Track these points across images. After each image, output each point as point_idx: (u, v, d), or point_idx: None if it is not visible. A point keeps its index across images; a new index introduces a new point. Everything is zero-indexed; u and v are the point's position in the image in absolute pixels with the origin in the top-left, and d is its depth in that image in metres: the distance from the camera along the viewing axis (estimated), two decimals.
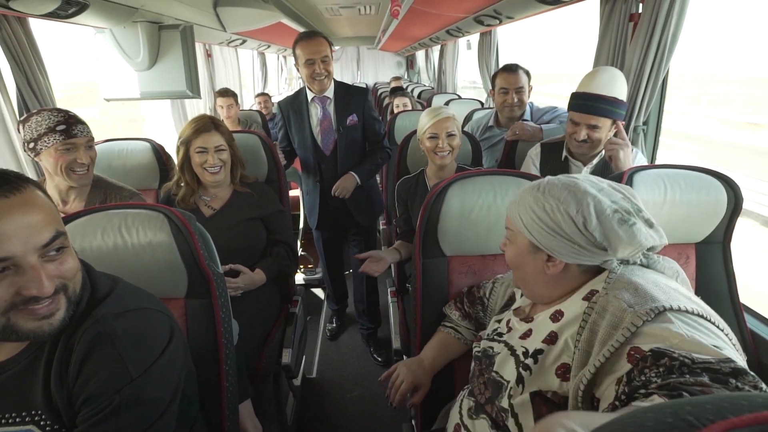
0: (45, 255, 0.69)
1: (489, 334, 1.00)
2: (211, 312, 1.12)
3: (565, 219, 0.77)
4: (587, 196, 0.77)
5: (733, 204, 1.28)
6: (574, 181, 0.80)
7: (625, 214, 0.76)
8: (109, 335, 0.74)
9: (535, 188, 0.84)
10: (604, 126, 1.55)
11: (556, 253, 0.79)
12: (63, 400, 0.73)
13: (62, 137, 1.38)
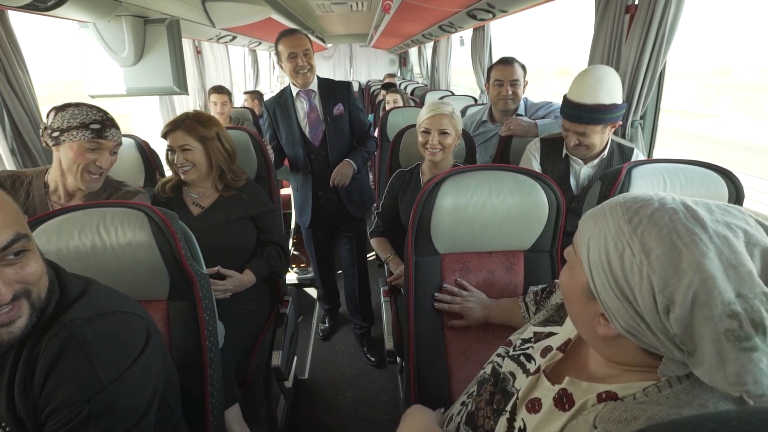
0: (2, 258, 0.64)
1: (516, 347, 0.83)
2: (195, 314, 1.07)
3: (640, 282, 0.50)
4: (696, 271, 0.46)
5: (734, 198, 1.25)
6: (690, 230, 0.49)
7: (749, 327, 0.44)
8: (78, 341, 0.69)
9: (628, 213, 0.54)
10: (593, 131, 1.51)
11: (612, 315, 0.55)
12: (28, 411, 0.69)
13: (92, 135, 1.33)
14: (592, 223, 0.59)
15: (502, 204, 1.19)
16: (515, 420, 0.69)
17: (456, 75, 5.90)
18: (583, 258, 0.58)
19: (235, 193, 1.64)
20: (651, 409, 0.51)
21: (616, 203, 0.57)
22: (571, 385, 0.63)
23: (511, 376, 0.76)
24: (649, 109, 1.78)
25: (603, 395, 0.58)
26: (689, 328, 0.47)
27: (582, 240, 0.59)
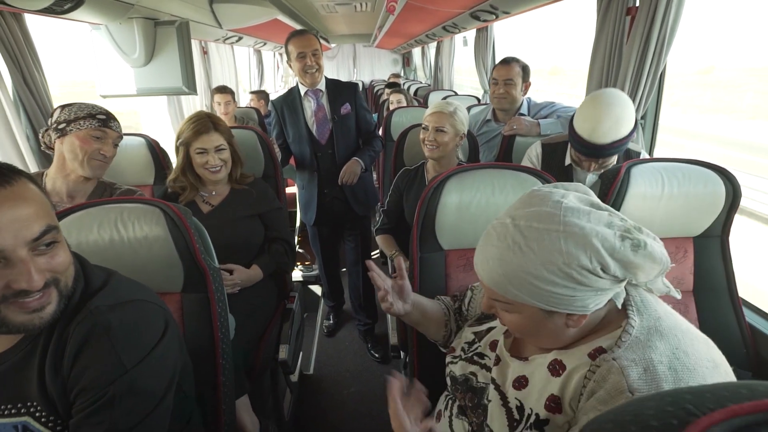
0: (35, 249, 0.68)
1: (465, 350, 0.91)
2: (208, 306, 1.11)
3: (581, 272, 0.63)
4: (588, 234, 0.63)
5: (731, 197, 1.28)
6: (557, 216, 0.65)
7: (631, 235, 0.64)
8: (103, 327, 0.73)
9: (512, 246, 0.67)
10: (612, 158, 1.49)
11: (577, 309, 0.66)
12: (58, 391, 0.73)
13: (98, 124, 1.41)
14: (500, 277, 0.69)
15: (505, 202, 1.22)
16: (508, 402, 0.75)
17: (459, 75, 5.93)
18: (525, 301, 0.68)
19: (244, 188, 1.68)
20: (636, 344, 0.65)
21: (497, 252, 0.69)
22: (559, 353, 0.72)
23: (472, 375, 0.85)
24: (650, 109, 1.81)
25: (592, 352, 0.68)
26: (619, 264, 0.64)
27: (509, 293, 0.69)
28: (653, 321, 0.66)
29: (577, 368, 0.68)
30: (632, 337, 0.65)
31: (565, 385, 0.68)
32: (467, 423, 0.84)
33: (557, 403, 0.68)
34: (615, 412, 0.42)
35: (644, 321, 0.67)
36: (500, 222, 0.71)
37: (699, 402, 0.39)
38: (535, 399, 0.72)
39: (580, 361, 0.68)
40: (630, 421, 0.39)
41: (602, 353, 0.66)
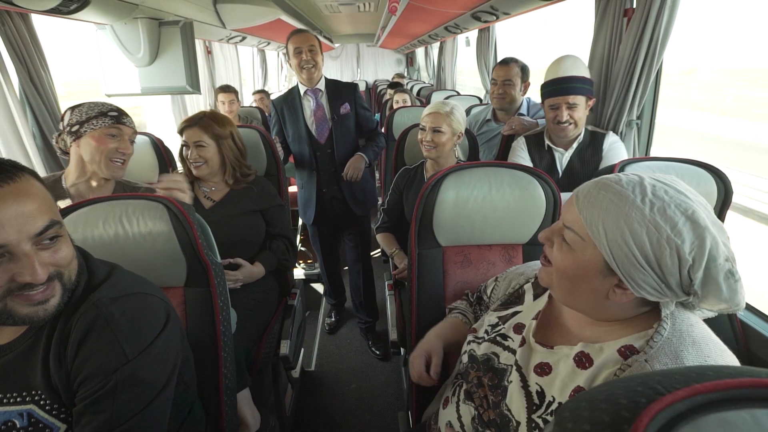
0: (39, 243, 0.70)
1: (488, 332, 0.92)
2: (210, 301, 1.14)
3: (672, 256, 0.61)
4: (707, 233, 0.61)
5: (723, 195, 1.30)
6: (689, 203, 0.63)
7: (734, 264, 0.63)
8: (106, 318, 0.76)
9: (638, 197, 0.64)
10: (580, 104, 1.66)
11: (634, 284, 0.65)
12: (62, 380, 0.75)
13: (112, 121, 1.38)
14: (599, 210, 0.66)
15: (502, 199, 1.25)
16: (529, 386, 0.77)
17: (462, 75, 5.94)
18: (599, 241, 0.66)
19: (245, 186, 1.71)
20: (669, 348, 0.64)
21: (615, 193, 0.66)
22: (586, 347, 0.72)
23: (494, 356, 0.86)
24: (645, 109, 1.83)
25: (622, 349, 0.68)
26: (705, 277, 0.62)
27: (593, 225, 0.67)
28: (686, 327, 0.66)
29: (606, 364, 0.68)
30: (664, 339, 0.65)
31: (593, 380, 0.68)
32: (473, 408, 0.86)
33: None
34: (590, 392, 0.44)
35: (677, 325, 0.66)
36: (635, 174, 0.70)
37: (667, 382, 0.41)
38: (558, 388, 0.72)
39: (609, 358, 0.68)
40: (602, 400, 0.41)
41: (633, 352, 0.67)
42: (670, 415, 0.37)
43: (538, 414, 0.73)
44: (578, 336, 0.76)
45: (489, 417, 0.81)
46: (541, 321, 0.85)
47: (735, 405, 0.38)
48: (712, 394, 0.39)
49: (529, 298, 0.93)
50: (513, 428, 0.75)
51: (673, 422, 0.37)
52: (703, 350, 0.63)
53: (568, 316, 0.81)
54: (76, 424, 0.74)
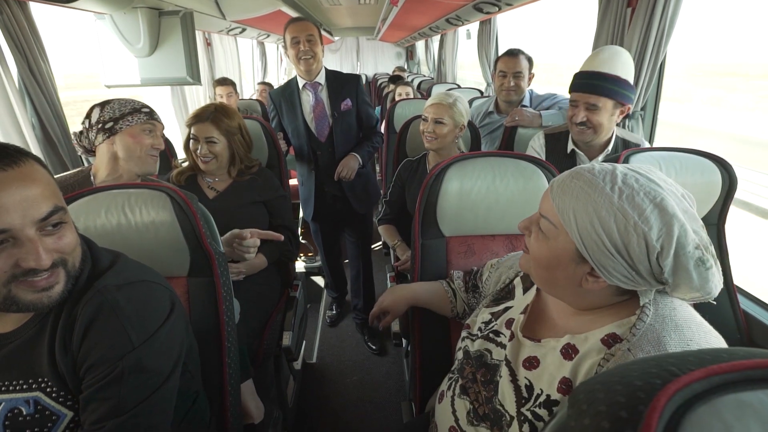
0: (43, 229, 0.70)
1: (482, 329, 0.93)
2: (213, 290, 1.14)
3: (639, 242, 0.62)
4: (675, 221, 0.61)
5: (727, 185, 1.29)
6: (658, 191, 0.63)
7: (705, 252, 0.63)
8: (111, 305, 0.76)
9: (608, 185, 0.65)
10: (604, 107, 1.45)
11: (605, 272, 0.66)
12: (68, 367, 0.75)
13: (147, 117, 1.37)
14: (570, 198, 0.68)
15: (506, 189, 1.24)
16: (518, 380, 0.77)
17: (461, 70, 5.91)
18: (570, 228, 0.67)
19: (249, 177, 1.70)
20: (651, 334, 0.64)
21: (586, 181, 0.68)
22: (572, 338, 0.72)
23: (487, 352, 0.87)
24: (649, 101, 1.82)
25: (605, 338, 0.69)
26: (674, 264, 0.62)
27: (565, 213, 0.68)
28: (669, 311, 0.66)
29: (589, 353, 0.69)
30: (646, 326, 0.65)
31: (577, 369, 0.69)
32: (468, 402, 0.86)
33: (568, 385, 0.69)
34: (603, 376, 0.44)
35: (659, 310, 0.67)
36: (610, 164, 0.71)
37: (681, 364, 0.41)
38: (546, 381, 0.72)
39: (593, 347, 0.69)
40: (616, 382, 0.41)
41: (617, 340, 0.67)
42: (688, 395, 0.37)
43: (527, 407, 0.73)
44: (564, 328, 0.77)
45: (483, 411, 0.82)
46: (529, 315, 0.85)
47: (751, 386, 0.38)
48: (727, 374, 0.38)
49: (519, 292, 0.94)
50: (506, 422, 0.76)
51: (690, 402, 0.37)
52: (686, 334, 0.63)
53: (554, 308, 0.82)
54: (82, 411, 0.74)
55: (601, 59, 1.45)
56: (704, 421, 0.35)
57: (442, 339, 1.29)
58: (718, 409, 0.36)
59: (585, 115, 1.49)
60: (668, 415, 0.36)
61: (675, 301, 0.69)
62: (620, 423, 0.37)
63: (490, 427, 0.79)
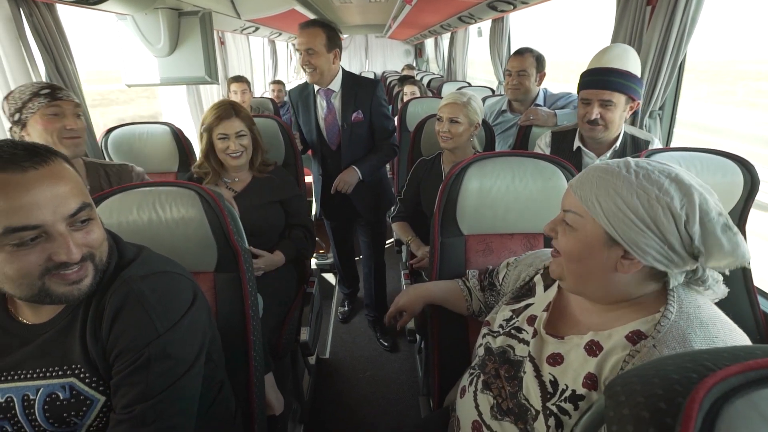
0: (72, 224, 0.73)
1: (504, 326, 0.94)
2: (239, 285, 1.17)
3: (665, 213, 0.65)
4: (693, 190, 0.65)
5: (749, 187, 1.30)
6: (673, 170, 0.68)
7: (729, 220, 0.65)
8: (137, 294, 0.79)
9: (623, 170, 0.70)
10: (618, 103, 1.46)
11: (638, 251, 0.67)
12: (98, 354, 0.79)
13: (47, 99, 1.31)
14: (591, 186, 0.72)
15: (525, 188, 1.26)
16: (542, 375, 0.79)
17: (471, 67, 5.91)
18: (596, 213, 0.70)
19: (266, 176, 1.73)
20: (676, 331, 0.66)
21: (602, 170, 0.72)
22: (595, 335, 0.74)
23: (510, 348, 0.89)
24: (668, 100, 1.82)
25: (630, 335, 0.70)
26: (702, 232, 0.64)
27: (588, 201, 0.71)
28: (693, 309, 0.68)
29: (614, 349, 0.70)
30: (671, 323, 0.66)
31: (602, 365, 0.70)
32: (492, 397, 0.88)
33: (593, 380, 0.70)
34: (639, 369, 0.46)
35: (684, 308, 0.68)
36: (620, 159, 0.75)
37: (716, 360, 0.43)
38: (571, 377, 0.74)
39: (617, 344, 0.70)
40: (653, 375, 0.43)
41: (641, 337, 0.68)
42: (725, 388, 0.39)
43: (552, 402, 0.75)
44: (587, 325, 0.78)
45: (507, 406, 0.84)
46: (551, 312, 0.87)
47: None
48: (763, 370, 0.40)
49: (540, 289, 0.95)
50: (531, 416, 0.77)
51: (727, 395, 0.38)
52: (711, 331, 0.65)
53: (576, 306, 0.84)
54: (113, 396, 0.78)
55: (612, 56, 1.47)
56: (742, 412, 0.37)
57: (460, 336, 1.31)
58: (755, 402, 0.38)
59: (599, 112, 1.49)
60: (707, 406, 0.38)
61: (699, 299, 0.70)
62: (660, 413, 0.39)
63: (515, 422, 0.81)
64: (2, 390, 0.78)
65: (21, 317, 0.81)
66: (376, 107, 2.09)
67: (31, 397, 0.78)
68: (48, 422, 0.78)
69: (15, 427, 0.78)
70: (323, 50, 1.92)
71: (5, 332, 0.80)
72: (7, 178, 0.67)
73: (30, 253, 0.69)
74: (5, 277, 0.70)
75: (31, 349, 0.79)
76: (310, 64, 1.93)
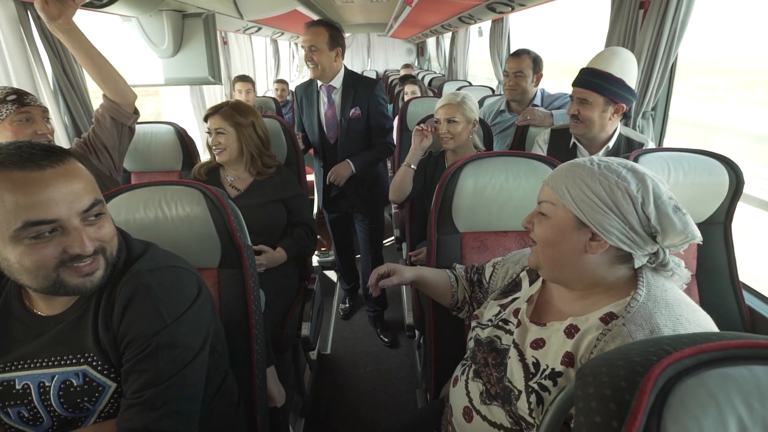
0: (86, 219, 0.78)
1: (492, 320, 1.00)
2: (242, 281, 1.21)
3: (624, 196, 0.75)
4: (647, 177, 0.76)
5: (734, 186, 1.34)
6: (629, 162, 0.79)
7: (676, 201, 0.75)
8: (145, 287, 0.84)
9: (587, 163, 0.81)
10: (595, 103, 1.53)
11: (604, 231, 0.76)
12: (110, 343, 0.84)
13: (15, 106, 1.32)
14: (561, 177, 0.82)
15: (518, 187, 1.30)
16: (525, 358, 0.85)
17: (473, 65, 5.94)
18: (566, 200, 0.80)
19: (268, 176, 1.78)
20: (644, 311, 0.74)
21: (571, 164, 0.83)
22: (574, 320, 0.81)
23: (497, 338, 0.96)
24: (660, 101, 1.86)
25: (604, 317, 0.78)
26: (657, 212, 0.74)
27: (559, 190, 0.81)
28: (660, 292, 0.75)
29: (589, 330, 0.78)
30: (640, 304, 0.74)
31: (579, 344, 0.78)
32: (481, 384, 0.94)
33: (570, 358, 0.78)
34: (606, 354, 0.50)
35: (652, 291, 0.76)
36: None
37: (676, 344, 0.47)
38: (551, 357, 0.81)
39: (592, 325, 0.78)
40: (618, 359, 0.48)
41: (613, 318, 0.76)
42: (678, 369, 0.43)
43: (533, 380, 0.81)
44: (567, 312, 0.85)
45: (495, 391, 0.90)
46: (536, 304, 0.94)
47: (735, 362, 0.44)
48: (714, 352, 0.45)
49: (526, 284, 1.02)
50: (515, 397, 0.83)
51: (680, 375, 0.43)
52: (675, 310, 0.72)
53: (558, 297, 0.91)
54: (124, 382, 0.83)
55: (600, 58, 1.55)
56: (692, 390, 0.42)
57: (455, 330, 1.35)
58: (704, 381, 0.42)
59: (577, 109, 1.59)
60: (661, 384, 0.42)
61: (666, 284, 0.78)
62: (620, 391, 0.44)
63: (502, 405, 0.87)
64: (20, 377, 0.83)
65: (36, 309, 0.86)
66: (374, 105, 2.19)
67: (47, 384, 0.83)
68: (63, 407, 0.83)
69: (32, 413, 0.83)
70: (325, 48, 2.04)
71: (22, 324, 0.85)
72: (27, 176, 0.72)
73: (47, 245, 0.74)
74: (23, 269, 0.75)
75: (46, 339, 0.84)
76: (312, 60, 2.05)
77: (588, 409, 0.45)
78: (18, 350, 0.84)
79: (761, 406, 0.40)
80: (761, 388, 0.41)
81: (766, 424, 0.39)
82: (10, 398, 0.83)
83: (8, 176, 0.71)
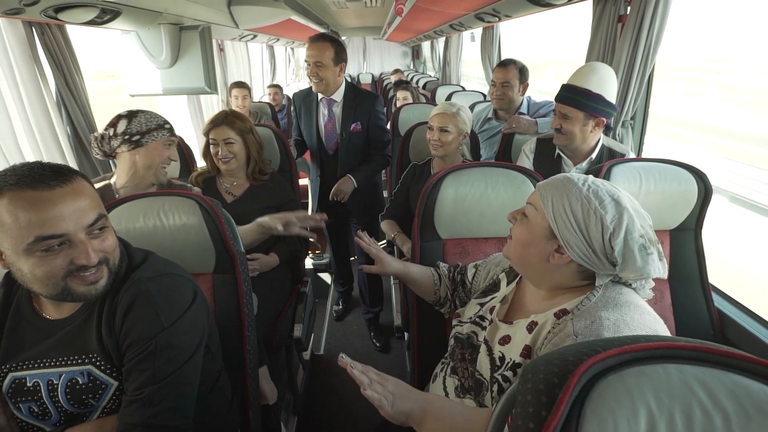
0: (91, 233, 0.86)
1: (472, 317, 1.07)
2: (235, 286, 1.28)
3: (596, 223, 0.80)
4: (626, 212, 0.80)
5: (703, 194, 1.41)
6: (618, 193, 0.83)
7: (648, 243, 0.80)
8: (145, 294, 0.92)
9: (580, 182, 0.85)
10: (574, 118, 1.61)
11: (569, 247, 0.82)
12: (112, 345, 0.91)
13: (169, 133, 1.51)
14: (551, 188, 0.88)
15: (497, 196, 1.37)
16: (493, 353, 0.94)
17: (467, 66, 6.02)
18: (547, 210, 0.86)
19: (263, 183, 1.85)
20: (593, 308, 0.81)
21: (567, 178, 0.88)
22: (536, 317, 0.90)
23: (474, 334, 1.04)
24: (638, 110, 1.93)
25: (558, 312, 0.85)
26: (623, 246, 0.79)
27: (544, 199, 0.87)
28: (615, 294, 0.82)
29: (545, 325, 0.85)
30: (591, 303, 0.81)
31: (536, 338, 0.86)
32: (457, 380, 1.02)
33: (528, 350, 0.86)
34: (546, 355, 0.58)
35: (607, 293, 0.83)
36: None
37: (607, 346, 0.55)
38: (515, 351, 0.89)
39: (547, 319, 0.86)
40: (555, 358, 0.55)
41: (565, 314, 0.83)
42: (603, 367, 0.50)
43: (498, 372, 0.89)
44: (532, 310, 0.93)
45: (468, 384, 0.98)
46: (510, 303, 1.02)
47: (652, 361, 0.51)
48: (636, 353, 0.52)
49: (504, 285, 1.09)
50: (485, 388, 0.91)
51: (604, 372, 0.50)
52: (623, 310, 0.78)
53: (528, 296, 0.98)
54: (125, 381, 0.91)
55: (579, 75, 1.62)
56: (612, 385, 0.49)
57: (438, 331, 1.42)
58: (624, 377, 0.49)
59: (559, 123, 1.67)
60: (585, 380, 0.49)
61: (625, 289, 0.84)
62: (552, 385, 0.51)
63: (474, 398, 0.95)
64: (30, 376, 0.91)
65: (45, 314, 0.94)
66: (374, 120, 2.23)
67: (55, 381, 0.90)
68: (69, 403, 0.91)
69: (41, 408, 0.91)
70: (331, 64, 2.07)
71: (32, 327, 0.93)
72: (38, 195, 0.79)
73: (56, 257, 0.82)
74: (35, 278, 0.82)
75: (54, 340, 0.92)
76: (317, 75, 2.07)
77: (524, 401, 0.52)
78: (29, 351, 0.92)
79: (669, 399, 0.47)
80: (671, 383, 0.48)
81: (672, 414, 0.46)
82: (21, 395, 0.90)
83: (22, 196, 0.79)
